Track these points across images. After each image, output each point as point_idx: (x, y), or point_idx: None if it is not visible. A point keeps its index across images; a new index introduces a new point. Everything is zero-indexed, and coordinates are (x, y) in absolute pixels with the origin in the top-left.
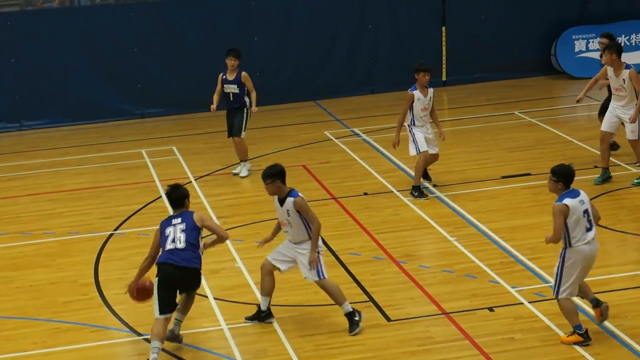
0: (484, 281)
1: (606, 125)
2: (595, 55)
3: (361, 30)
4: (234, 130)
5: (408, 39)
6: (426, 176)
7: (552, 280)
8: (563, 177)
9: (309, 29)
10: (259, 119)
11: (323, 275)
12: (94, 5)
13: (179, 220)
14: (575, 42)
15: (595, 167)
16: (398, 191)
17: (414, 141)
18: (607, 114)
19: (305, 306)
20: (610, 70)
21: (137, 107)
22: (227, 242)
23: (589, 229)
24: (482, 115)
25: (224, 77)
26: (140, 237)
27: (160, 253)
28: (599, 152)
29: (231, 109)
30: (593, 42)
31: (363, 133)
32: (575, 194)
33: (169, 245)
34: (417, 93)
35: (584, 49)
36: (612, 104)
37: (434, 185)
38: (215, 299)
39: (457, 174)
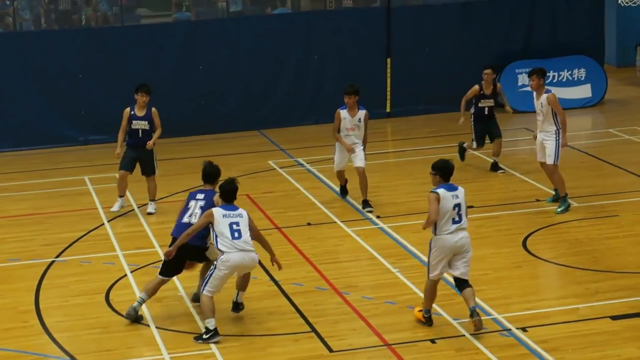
0: None
1: (538, 155)
2: None
3: (306, 60)
4: (147, 170)
5: (353, 70)
6: (367, 204)
7: (494, 313)
8: (440, 170)
9: (254, 58)
10: (204, 147)
11: (205, 289)
12: (39, 30)
13: (202, 196)
14: (518, 75)
15: (537, 200)
16: (341, 222)
17: (334, 157)
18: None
19: (247, 336)
20: (534, 94)
21: (81, 133)
22: None
23: (456, 222)
24: (426, 147)
25: (132, 112)
26: (83, 264)
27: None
28: (540, 186)
29: (138, 146)
30: None
31: (307, 163)
32: (451, 188)
33: (185, 219)
34: (344, 112)
35: (527, 82)
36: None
37: (377, 217)
38: (157, 327)
39: (400, 205)
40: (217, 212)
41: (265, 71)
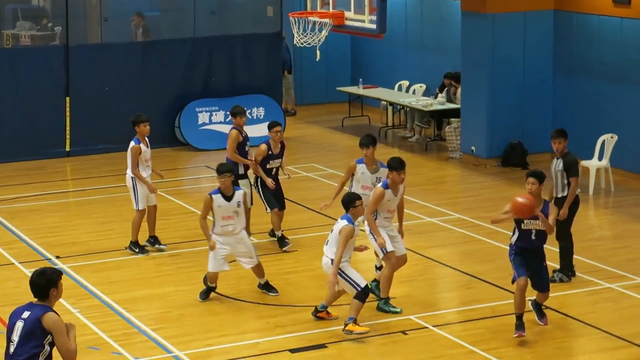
0: (107, 352)
1: None
2: (219, 127)
3: None
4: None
5: (32, 109)
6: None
7: (175, 350)
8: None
9: None
10: None
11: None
12: None
13: None
14: (198, 114)
15: None
16: (20, 263)
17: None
18: None
19: None
20: (388, 192)
21: None
22: None
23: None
24: (107, 186)
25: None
26: None
27: None
28: None
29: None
30: (216, 114)
31: None
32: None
33: None
34: (142, 146)
35: (207, 121)
36: None
37: (57, 257)
38: None
39: (80, 245)
40: None
41: None
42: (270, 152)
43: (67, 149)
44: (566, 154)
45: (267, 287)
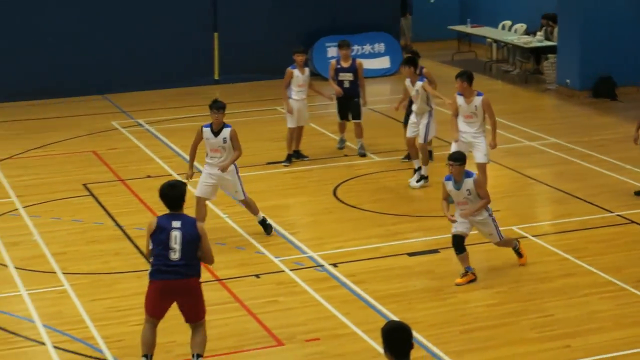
0: (251, 252)
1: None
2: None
3: (143, 35)
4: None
5: (184, 42)
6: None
7: (309, 251)
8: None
9: (93, 30)
10: (54, 108)
11: (245, 195)
12: None
13: None
14: (327, 48)
15: (345, 155)
16: (177, 174)
17: (289, 115)
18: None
19: (95, 274)
20: (460, 98)
21: None
22: (25, 217)
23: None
24: (252, 110)
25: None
26: None
27: None
28: (349, 144)
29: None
30: None
31: (146, 124)
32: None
33: None
34: (295, 71)
35: (335, 55)
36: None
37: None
38: (15, 268)
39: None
40: None
41: (102, 44)
42: (339, 66)
43: (216, 77)
44: None
45: (263, 224)
